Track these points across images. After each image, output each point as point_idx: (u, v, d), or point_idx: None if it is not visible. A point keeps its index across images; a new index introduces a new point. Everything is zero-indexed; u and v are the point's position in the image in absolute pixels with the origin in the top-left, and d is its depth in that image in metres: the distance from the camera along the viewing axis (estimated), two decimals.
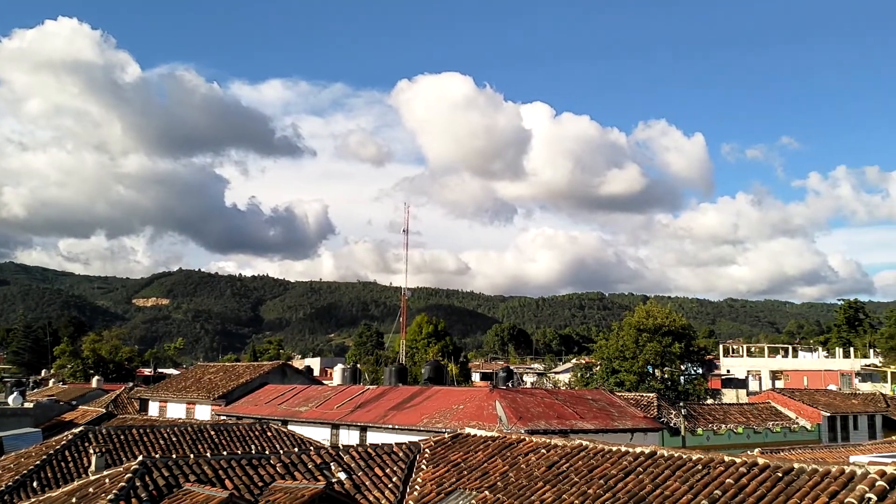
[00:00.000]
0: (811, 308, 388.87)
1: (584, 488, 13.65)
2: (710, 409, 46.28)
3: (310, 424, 34.82)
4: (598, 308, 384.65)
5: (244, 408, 40.79)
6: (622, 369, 60.43)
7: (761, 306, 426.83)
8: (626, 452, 14.83)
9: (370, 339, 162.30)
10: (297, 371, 53.93)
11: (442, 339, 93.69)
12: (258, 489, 15.33)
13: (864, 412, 49.24)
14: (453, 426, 25.09)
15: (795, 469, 12.07)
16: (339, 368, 58.09)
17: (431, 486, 15.90)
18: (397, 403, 33.77)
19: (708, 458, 13.44)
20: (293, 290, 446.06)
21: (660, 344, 59.49)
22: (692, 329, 74.40)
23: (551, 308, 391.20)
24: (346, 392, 38.84)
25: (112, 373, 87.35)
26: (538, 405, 31.45)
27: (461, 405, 30.87)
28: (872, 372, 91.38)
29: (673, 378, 61.45)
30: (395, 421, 31.44)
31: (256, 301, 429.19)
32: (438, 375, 45.17)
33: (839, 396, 53.82)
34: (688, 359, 63.78)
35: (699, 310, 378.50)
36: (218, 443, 25.87)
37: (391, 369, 45.40)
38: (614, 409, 33.93)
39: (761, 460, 12.77)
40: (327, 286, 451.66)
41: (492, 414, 28.88)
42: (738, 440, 38.96)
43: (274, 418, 35.39)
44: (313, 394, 40.17)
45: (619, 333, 63.90)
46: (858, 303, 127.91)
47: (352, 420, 33.52)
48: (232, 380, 46.24)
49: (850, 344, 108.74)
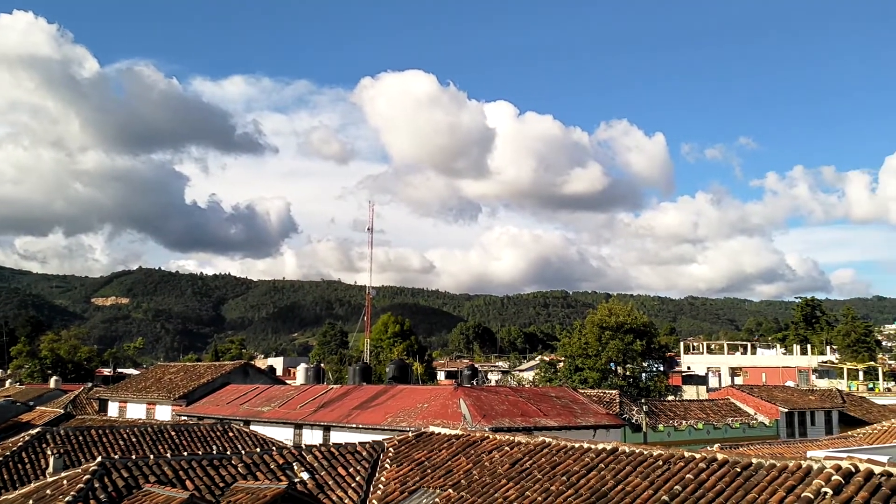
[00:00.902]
0: (769, 306, 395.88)
1: (547, 485, 13.73)
2: (671, 405, 46.83)
3: (272, 424, 34.58)
4: (563, 306, 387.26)
5: (205, 408, 40.40)
6: (585, 367, 60.96)
7: (721, 304, 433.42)
8: (589, 449, 14.95)
9: (334, 339, 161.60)
10: (259, 371, 53.53)
11: (407, 338, 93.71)
12: (219, 490, 15.17)
13: (820, 408, 50.22)
14: (418, 425, 25.08)
15: (754, 464, 12.27)
16: (303, 368, 57.63)
17: (395, 484, 15.87)
18: (361, 403, 33.66)
19: (668, 453, 13.60)
20: (256, 289, 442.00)
21: (622, 341, 60.14)
22: (654, 327, 75.31)
23: (516, 306, 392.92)
24: (310, 392, 38.62)
25: (71, 373, 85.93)
26: (502, 403, 31.58)
27: (426, 404, 30.87)
28: (829, 368, 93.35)
29: (635, 375, 62.15)
30: (359, 420, 31.33)
31: (218, 300, 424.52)
32: (403, 374, 45.12)
33: (797, 393, 54.81)
34: (649, 356, 64.59)
35: (660, 308, 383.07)
36: (179, 443, 25.59)
37: (355, 368, 45.24)
38: (577, 407, 34.20)
39: (720, 456, 12.96)
40: (290, 285, 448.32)
41: (456, 412, 28.93)
42: (698, 436, 39.48)
43: (236, 418, 35.08)
44: (276, 394, 39.88)
45: (582, 331, 64.49)
46: (815, 301, 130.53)
47: (315, 420, 33.34)
48: (193, 380, 45.76)
49: (808, 341, 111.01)
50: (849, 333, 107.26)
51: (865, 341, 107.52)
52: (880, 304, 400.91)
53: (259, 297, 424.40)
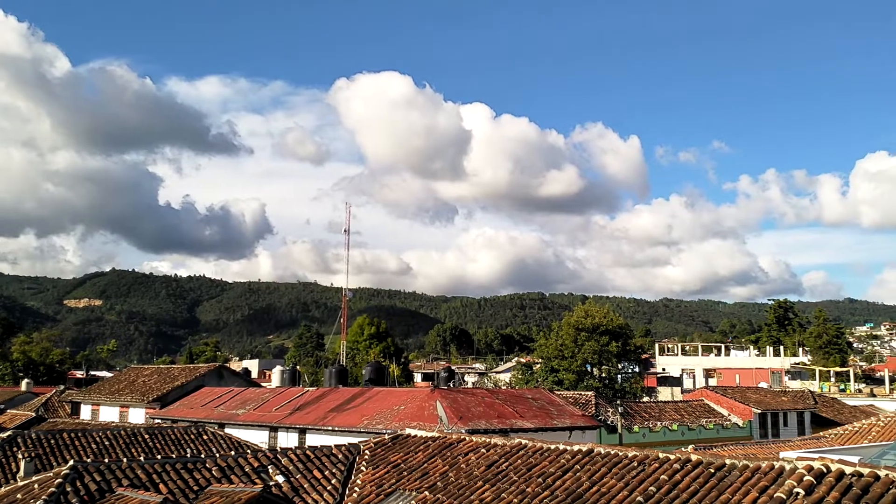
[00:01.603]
0: (743, 308, 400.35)
1: (523, 487, 13.77)
2: (646, 406, 47.17)
3: (247, 427, 34.35)
4: (539, 308, 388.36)
5: (179, 411, 40.06)
6: (561, 368, 61.19)
7: (695, 306, 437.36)
8: (565, 450, 15.01)
9: (310, 341, 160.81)
10: (234, 373, 53.17)
11: (383, 339, 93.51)
12: (193, 493, 15.06)
13: (793, 409, 50.83)
14: (394, 427, 25.02)
15: (727, 465, 12.39)
16: (278, 370, 57.28)
17: (371, 487, 15.83)
18: (337, 405, 33.53)
19: (643, 454, 13.69)
20: (231, 291, 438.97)
21: (598, 343, 60.45)
22: (629, 328, 75.83)
23: (493, 308, 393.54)
24: (285, 394, 38.40)
25: (43, 375, 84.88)
26: (479, 405, 31.60)
27: (402, 406, 30.81)
28: (802, 370, 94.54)
29: (610, 376, 62.50)
30: (335, 423, 31.21)
31: (192, 302, 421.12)
32: (379, 376, 45.00)
33: (770, 394, 55.43)
34: (625, 357, 64.96)
35: (636, 309, 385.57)
36: (152, 446, 25.34)
37: (331, 371, 45.04)
38: (553, 408, 34.31)
39: (694, 456, 13.08)
40: (266, 287, 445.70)
41: (433, 414, 28.91)
42: (672, 437, 39.80)
43: (210, 421, 34.82)
44: (251, 396, 39.64)
45: (558, 333, 64.73)
46: (788, 303, 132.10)
47: (291, 422, 33.16)
48: (167, 382, 45.35)
49: (780, 343, 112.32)
50: (821, 335, 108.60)
51: (837, 343, 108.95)
52: (851, 306, 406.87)
53: (234, 298, 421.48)
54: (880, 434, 31.37)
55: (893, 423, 32.66)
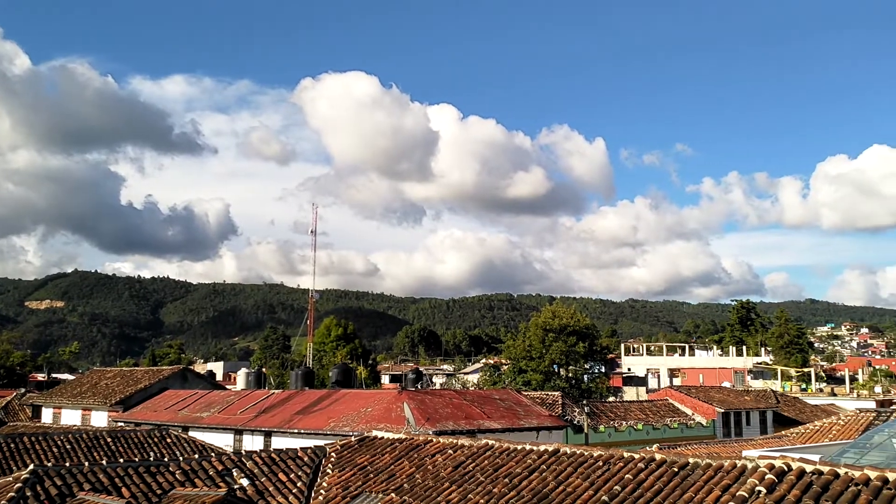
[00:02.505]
0: (706, 308, 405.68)
1: (490, 487, 13.79)
2: (612, 406, 47.53)
3: (212, 430, 34.00)
4: (507, 309, 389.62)
5: (143, 414, 39.56)
6: (529, 369, 61.49)
7: (660, 306, 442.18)
8: (531, 451, 15.07)
9: (276, 343, 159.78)
10: (198, 376, 52.64)
11: (351, 341, 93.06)
12: (156, 497, 14.88)
13: (755, 408, 51.57)
14: (361, 429, 24.91)
15: (690, 464, 12.54)
16: (243, 373, 56.71)
17: (337, 489, 15.74)
18: (303, 407, 33.32)
19: (608, 454, 13.80)
20: (195, 293, 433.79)
21: (565, 343, 60.87)
22: (595, 329, 76.50)
23: (461, 309, 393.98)
24: (251, 397, 38.07)
25: (3, 378, 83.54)
26: (447, 406, 31.62)
27: (369, 408, 30.72)
28: (764, 369, 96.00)
29: (577, 377, 62.96)
30: (300, 425, 31.01)
31: (156, 304, 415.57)
32: (346, 378, 44.76)
33: (733, 393, 56.19)
34: (591, 358, 65.52)
35: (602, 310, 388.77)
36: (115, 450, 25.00)
37: (297, 373, 44.67)
38: (521, 409, 34.46)
39: (659, 456, 13.21)
40: (231, 288, 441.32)
41: (400, 416, 28.87)
42: (637, 436, 40.16)
43: (174, 424, 34.38)
44: (216, 399, 39.25)
45: (526, 334, 65.05)
46: (750, 303, 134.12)
47: (256, 425, 32.88)
48: (130, 385, 44.79)
49: (743, 343, 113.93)
50: (782, 335, 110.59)
51: (798, 343, 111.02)
52: (812, 306, 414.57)
53: (199, 300, 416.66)
54: (840, 433, 31.93)
55: (853, 422, 33.28)
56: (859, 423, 32.50)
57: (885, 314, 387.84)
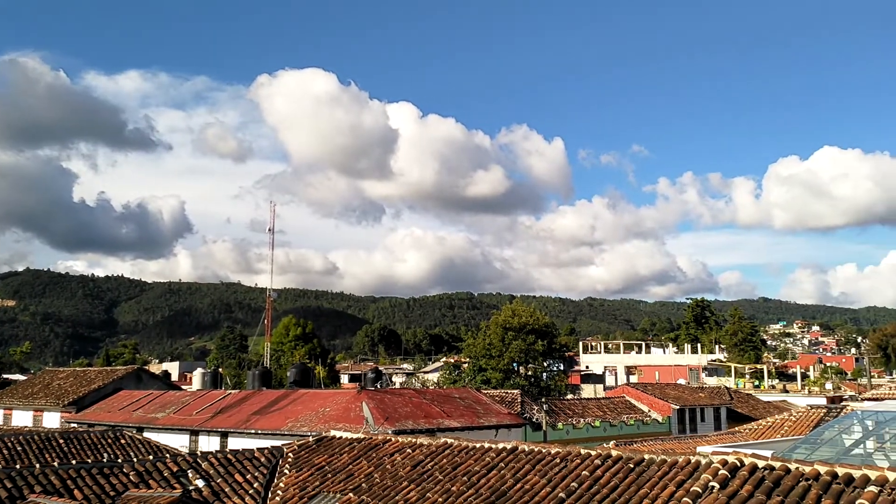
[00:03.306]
0: (663, 306, 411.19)
1: (448, 486, 13.80)
2: (570, 403, 47.95)
3: (167, 431, 33.51)
4: (468, 307, 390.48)
5: (96, 415, 38.86)
6: (489, 367, 61.70)
7: (618, 305, 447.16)
8: (490, 449, 15.12)
9: (233, 343, 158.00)
10: (153, 376, 51.83)
11: (309, 341, 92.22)
12: (110, 499, 14.64)
13: (710, 405, 52.43)
14: (319, 429, 24.75)
15: (646, 460, 12.70)
16: (199, 373, 56.06)
17: (294, 490, 15.62)
18: (261, 408, 33.01)
19: (566, 451, 13.90)
20: (150, 292, 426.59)
21: (524, 342, 61.17)
22: (555, 327, 76.99)
23: (422, 308, 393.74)
24: (207, 397, 37.61)
25: None
26: (406, 405, 31.58)
27: (327, 408, 30.54)
28: (718, 367, 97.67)
29: (536, 375, 63.32)
30: (258, 426, 30.72)
31: (110, 303, 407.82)
32: (305, 378, 44.42)
33: (688, 390, 57.08)
34: (550, 356, 65.95)
35: (561, 308, 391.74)
36: (67, 451, 24.53)
37: (255, 373, 44.25)
38: (480, 407, 34.56)
39: (615, 452, 13.35)
40: (187, 287, 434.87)
41: (359, 416, 28.76)
42: (595, 433, 40.54)
43: (128, 425, 33.83)
44: (171, 399, 38.70)
45: (486, 332, 65.24)
46: (705, 302, 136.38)
47: (212, 426, 32.48)
48: (83, 385, 43.98)
49: (698, 340, 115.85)
50: (736, 333, 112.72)
51: (751, 341, 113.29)
52: (765, 305, 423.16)
53: (154, 299, 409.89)
54: (792, 429, 32.61)
55: (804, 418, 34.01)
56: (810, 420, 33.24)
57: (835, 312, 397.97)
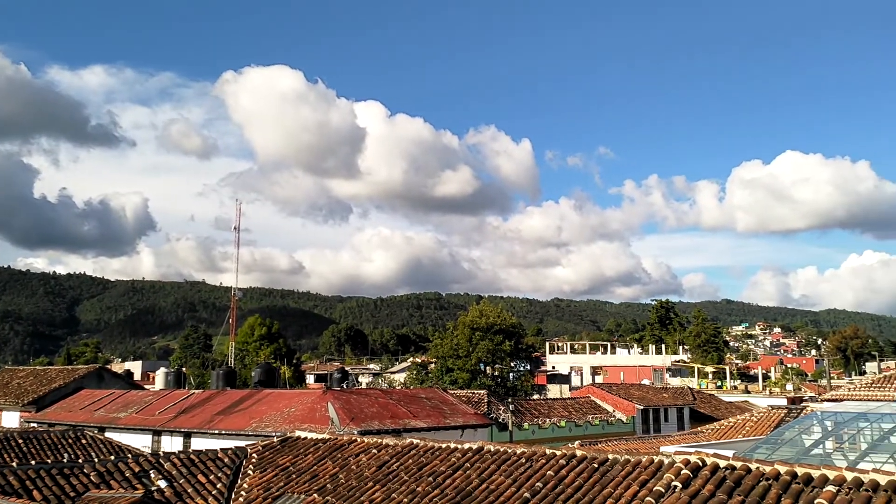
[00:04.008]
0: (628, 307, 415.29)
1: (414, 486, 13.79)
2: (536, 403, 48.19)
3: (129, 431, 33.04)
4: (436, 308, 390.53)
5: (57, 414, 38.17)
6: (456, 367, 61.78)
7: (584, 306, 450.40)
8: (455, 449, 15.14)
9: (197, 342, 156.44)
10: (115, 375, 50.98)
11: (275, 340, 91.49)
12: (70, 500, 14.40)
13: (673, 405, 53.03)
14: (284, 430, 24.59)
15: (610, 460, 12.81)
16: (162, 372, 55.34)
17: (258, 490, 15.49)
18: (225, 408, 32.68)
19: (531, 451, 13.97)
20: (113, 290, 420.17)
21: (491, 342, 61.37)
22: (522, 327, 77.44)
23: (389, 308, 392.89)
24: (170, 397, 37.15)
25: None
26: (372, 405, 31.48)
27: (293, 408, 30.33)
28: (681, 367, 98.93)
29: (503, 375, 63.56)
30: (221, 426, 30.40)
31: (72, 301, 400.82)
32: (270, 378, 44.06)
33: (652, 390, 57.68)
34: (517, 356, 66.26)
35: (528, 309, 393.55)
36: (26, 451, 24.07)
37: (219, 373, 43.78)
38: (447, 407, 34.58)
39: (579, 452, 13.45)
40: (150, 286, 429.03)
41: (324, 416, 28.61)
42: (560, 433, 40.78)
43: (89, 425, 33.28)
44: (133, 399, 38.16)
45: (453, 333, 65.33)
46: (669, 303, 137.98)
47: (175, 426, 32.09)
48: (43, 384, 43.18)
49: (662, 341, 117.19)
50: (699, 334, 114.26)
51: (714, 342, 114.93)
52: (728, 307, 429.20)
53: (116, 297, 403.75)
54: (753, 429, 33.13)
55: (765, 419, 34.57)
56: (771, 420, 33.79)
57: (796, 314, 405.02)
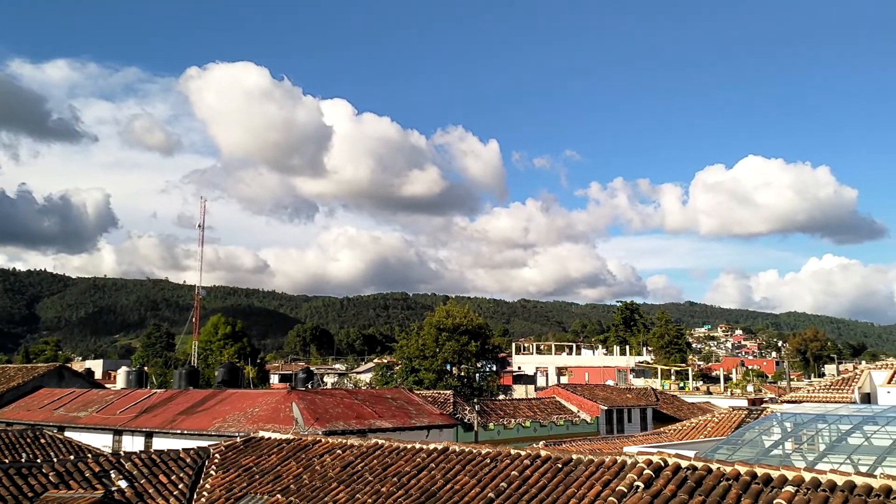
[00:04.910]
0: (593, 309, 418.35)
1: (378, 487, 13.76)
2: (502, 404, 48.38)
3: (89, 431, 32.52)
4: (403, 308, 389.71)
5: (15, 413, 37.43)
6: (422, 368, 61.77)
7: (550, 307, 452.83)
8: (421, 449, 15.14)
9: (160, 341, 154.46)
10: (76, 374, 50.13)
11: (239, 340, 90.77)
12: (28, 500, 14.11)
13: (637, 405, 53.59)
14: (247, 430, 24.37)
15: (574, 460, 12.91)
16: (124, 371, 54.68)
17: (220, 491, 15.34)
18: (187, 407, 32.32)
19: (496, 451, 14.02)
20: (74, 287, 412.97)
21: (458, 343, 61.47)
22: (488, 328, 77.65)
23: (356, 308, 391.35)
24: (131, 396, 36.65)
25: None
26: (337, 406, 31.35)
27: (256, 408, 30.09)
28: (645, 368, 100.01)
29: (469, 375, 63.69)
30: (184, 426, 30.06)
31: (32, 298, 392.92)
32: (233, 378, 43.72)
33: (616, 391, 58.21)
34: (483, 357, 66.44)
35: (495, 309, 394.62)
36: None
37: (181, 372, 43.33)
38: (412, 407, 34.55)
39: (544, 452, 13.53)
40: (112, 283, 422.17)
41: (288, 416, 28.43)
42: (525, 433, 40.99)
43: (49, 424, 32.72)
44: (94, 398, 37.56)
45: (419, 333, 65.32)
46: (634, 305, 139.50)
47: (136, 426, 31.66)
48: (1, 383, 42.30)
49: (627, 342, 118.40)
50: (663, 336, 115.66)
51: (677, 343, 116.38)
52: (691, 308, 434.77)
53: (77, 295, 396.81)
54: (715, 429, 33.62)
55: (727, 420, 35.09)
56: (732, 421, 34.32)
57: (757, 317, 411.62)
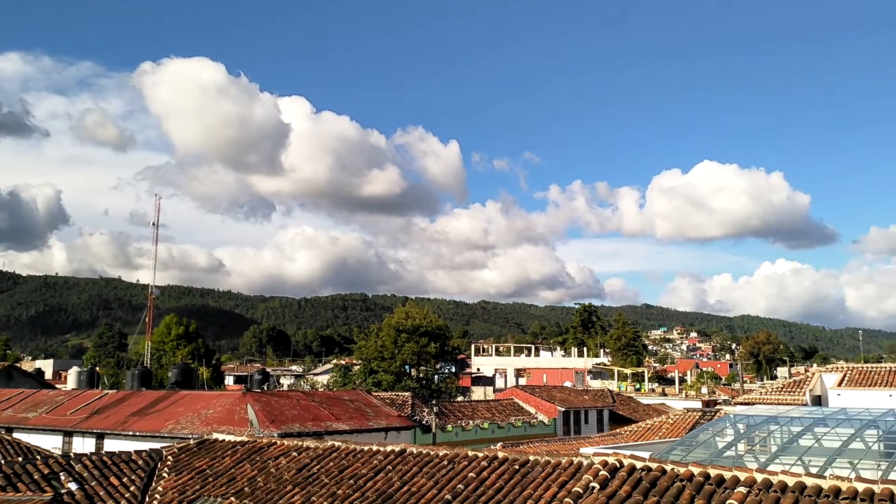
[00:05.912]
0: (552, 311, 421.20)
1: (334, 489, 13.63)
2: (460, 406, 48.43)
3: (39, 432, 31.74)
4: (362, 309, 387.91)
5: None
6: (380, 369, 61.54)
7: (510, 308, 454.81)
8: (378, 451, 15.05)
9: (112, 341, 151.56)
10: (25, 374, 49.13)
11: (193, 340, 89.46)
12: None
13: (594, 407, 54.09)
14: (201, 432, 24.00)
15: (531, 461, 12.94)
16: (75, 371, 53.54)
17: (173, 494, 15.06)
18: (140, 409, 31.74)
19: (453, 453, 13.99)
20: (24, 285, 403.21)
21: (417, 344, 61.37)
22: (448, 329, 77.69)
23: (314, 309, 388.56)
24: (82, 397, 35.86)
25: None
26: (293, 407, 31.05)
27: (210, 410, 29.67)
28: (602, 370, 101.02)
29: (428, 377, 63.64)
30: (136, 427, 29.51)
31: None
32: (187, 379, 43.04)
33: (573, 392, 58.68)
34: (442, 358, 66.46)
35: (455, 311, 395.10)
36: None
37: (134, 373, 42.56)
38: (370, 409, 34.37)
39: (501, 454, 13.55)
40: (63, 281, 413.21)
41: (243, 418, 28.08)
42: (484, 435, 41.09)
43: None
44: (43, 398, 36.69)
45: (378, 334, 65.08)
46: (592, 307, 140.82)
47: (87, 427, 30.98)
48: None
49: (584, 344, 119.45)
50: (620, 338, 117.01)
51: (634, 345, 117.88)
52: (648, 311, 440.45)
53: (27, 293, 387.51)
54: (669, 431, 34.03)
55: (681, 421, 35.56)
56: (686, 422, 34.78)
57: (711, 320, 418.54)
